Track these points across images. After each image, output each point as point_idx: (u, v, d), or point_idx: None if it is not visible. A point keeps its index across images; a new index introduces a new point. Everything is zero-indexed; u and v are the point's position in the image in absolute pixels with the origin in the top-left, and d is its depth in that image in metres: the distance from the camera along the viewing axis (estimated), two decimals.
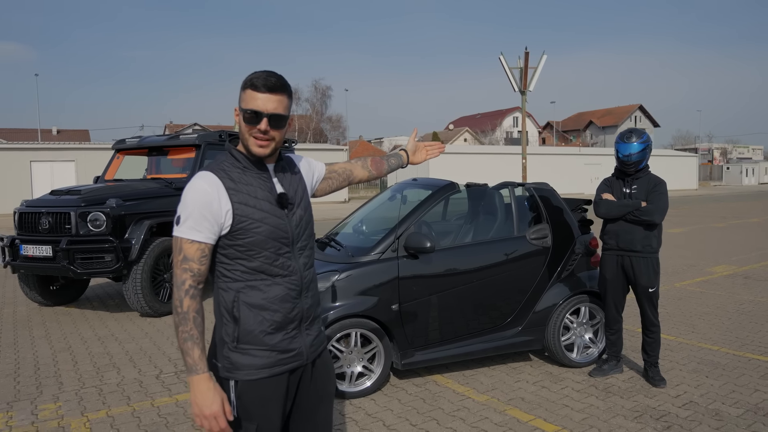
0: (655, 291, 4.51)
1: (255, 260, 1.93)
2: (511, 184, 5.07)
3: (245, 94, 1.91)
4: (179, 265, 1.87)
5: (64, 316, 7.18)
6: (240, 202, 1.91)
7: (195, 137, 8.10)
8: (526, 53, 17.84)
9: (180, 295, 1.86)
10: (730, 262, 10.48)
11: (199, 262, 1.88)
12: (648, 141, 4.55)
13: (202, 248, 1.88)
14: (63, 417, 4.13)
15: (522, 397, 4.33)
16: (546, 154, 40.88)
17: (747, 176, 59.92)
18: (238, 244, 1.91)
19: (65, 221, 6.77)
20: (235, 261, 1.93)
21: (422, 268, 4.46)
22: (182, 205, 1.89)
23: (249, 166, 1.98)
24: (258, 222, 1.92)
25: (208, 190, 1.88)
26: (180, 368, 5.11)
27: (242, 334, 1.93)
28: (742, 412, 4.00)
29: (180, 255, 1.88)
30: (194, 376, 1.86)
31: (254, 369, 1.93)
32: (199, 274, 1.88)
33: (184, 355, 1.87)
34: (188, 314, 1.85)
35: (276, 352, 1.96)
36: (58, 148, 27.83)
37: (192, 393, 1.87)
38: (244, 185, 1.94)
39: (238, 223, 1.90)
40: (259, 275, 1.94)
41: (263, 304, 1.94)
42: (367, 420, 3.99)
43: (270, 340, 1.95)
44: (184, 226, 1.87)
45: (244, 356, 1.94)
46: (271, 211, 1.96)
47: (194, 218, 1.86)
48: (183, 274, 1.87)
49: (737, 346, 5.46)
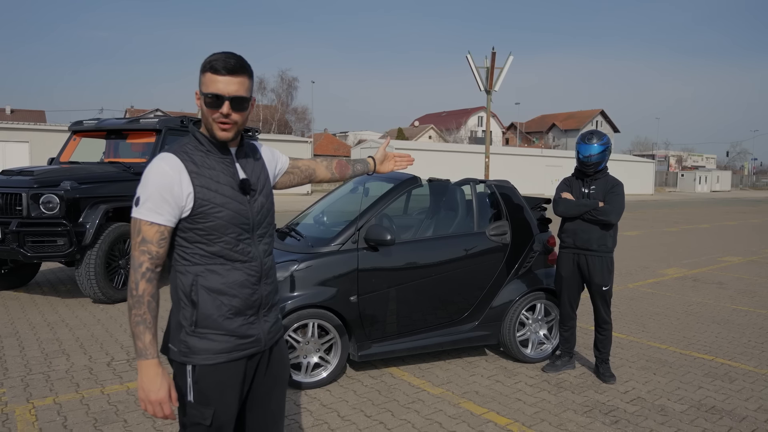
0: (609, 289, 4.62)
1: (215, 245, 1.91)
2: (472, 181, 5.11)
3: (205, 78, 1.88)
4: (137, 247, 1.84)
5: (12, 301, 6.95)
6: (202, 185, 1.88)
7: (156, 122, 7.94)
8: (493, 53, 18.04)
9: (136, 277, 1.83)
10: (681, 265, 10.81)
11: (158, 244, 1.85)
12: (608, 143, 4.65)
13: (162, 231, 1.85)
14: (7, 404, 4.00)
15: (476, 391, 4.39)
16: (509, 155, 41.43)
17: (700, 184, 61.85)
18: (198, 227, 1.89)
19: (16, 202, 6.54)
20: (195, 245, 1.91)
21: (382, 260, 4.47)
22: (142, 186, 1.85)
23: (212, 150, 1.95)
24: (219, 206, 1.90)
25: (169, 172, 1.84)
26: (132, 356, 5.01)
27: (200, 318, 1.91)
28: (686, 408, 4.14)
29: (138, 237, 1.84)
30: (144, 360, 1.84)
31: (212, 353, 1.92)
32: (157, 257, 1.86)
33: (135, 339, 1.84)
34: (143, 298, 1.83)
35: (234, 337, 1.95)
36: (11, 128, 26.86)
37: (140, 377, 1.86)
38: (206, 169, 1.91)
39: (198, 207, 1.88)
40: (218, 259, 1.92)
41: (222, 289, 1.93)
42: (321, 411, 3.98)
43: (228, 325, 1.94)
44: (144, 207, 1.84)
45: (202, 340, 1.92)
46: (232, 196, 1.94)
47: (154, 200, 1.83)
48: (141, 256, 1.84)
49: (684, 345, 5.64)
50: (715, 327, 6.36)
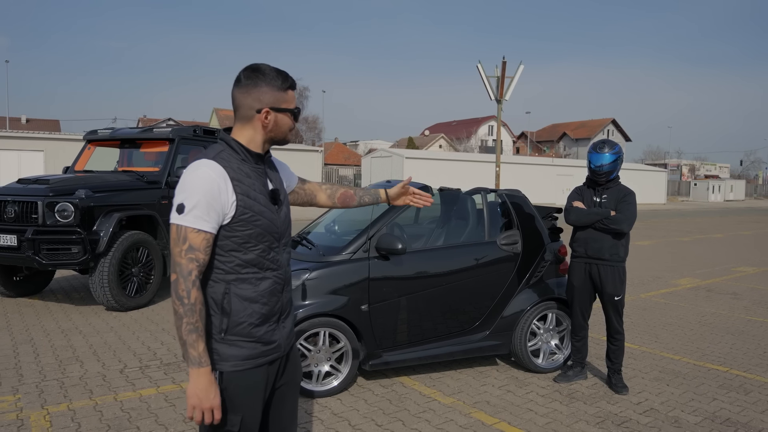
0: (621, 299, 4.60)
1: (250, 252, 1.95)
2: (483, 190, 5.12)
3: (288, 95, 2.01)
4: (184, 255, 1.84)
5: (27, 308, 7.02)
6: (243, 193, 1.92)
7: (169, 131, 8.02)
8: (504, 62, 18.06)
9: (188, 285, 1.83)
10: (695, 275, 10.73)
11: (204, 252, 1.87)
12: (619, 152, 4.65)
13: (208, 238, 1.87)
14: (22, 409, 4.04)
15: (487, 401, 4.38)
16: (519, 164, 41.34)
17: (713, 193, 61.37)
18: (237, 235, 1.92)
19: (32, 210, 6.63)
20: (230, 253, 1.93)
21: (393, 269, 4.48)
22: (187, 192, 1.85)
23: (247, 159, 1.98)
24: (257, 215, 1.94)
25: (215, 179, 1.86)
26: (145, 363, 5.04)
27: (231, 326, 1.94)
28: (700, 420, 4.10)
29: (185, 244, 1.84)
30: (198, 368, 1.85)
31: (240, 360, 1.95)
32: (203, 264, 1.87)
33: (187, 347, 1.84)
34: (195, 306, 1.83)
35: (260, 343, 1.99)
36: (26, 137, 27.19)
37: (193, 385, 1.85)
38: (244, 176, 1.95)
39: (240, 215, 1.90)
40: (251, 268, 1.96)
41: (254, 297, 1.96)
42: (332, 419, 3.98)
43: (256, 332, 1.98)
44: (191, 215, 1.84)
45: (231, 347, 1.94)
46: (266, 205, 1.99)
47: (201, 207, 1.84)
48: (189, 264, 1.84)
49: (697, 357, 5.59)
50: (730, 338, 6.30)
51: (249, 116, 1.99)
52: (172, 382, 4.62)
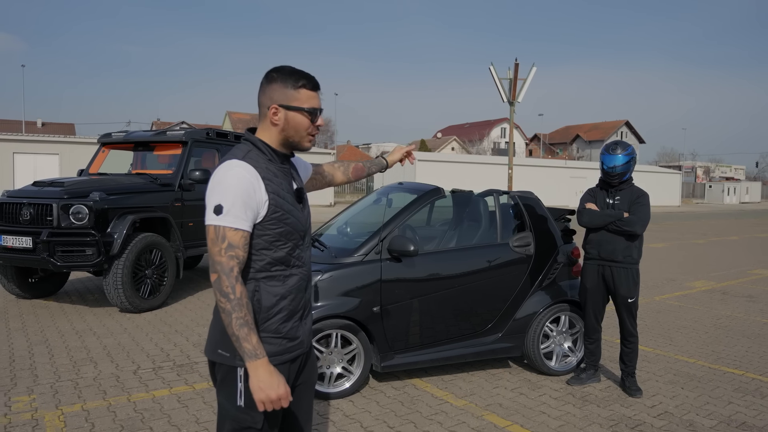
0: (635, 301, 4.56)
1: (280, 251, 1.99)
2: (495, 192, 5.10)
3: (300, 94, 2.00)
4: (224, 253, 1.87)
5: (42, 309, 7.09)
6: (274, 192, 1.96)
7: (182, 134, 8.07)
8: (516, 64, 18.02)
9: (231, 282, 1.86)
10: (709, 277, 10.62)
11: (243, 249, 1.90)
12: (632, 154, 4.61)
13: (245, 236, 1.91)
14: (37, 410, 4.07)
15: (500, 403, 4.36)
16: (532, 166, 41.20)
17: (729, 195, 60.75)
18: (268, 234, 1.95)
19: (47, 213, 6.70)
20: (260, 251, 1.97)
21: (405, 271, 4.48)
22: (221, 193, 1.88)
23: (273, 158, 2.02)
24: (287, 213, 1.99)
25: (249, 178, 1.90)
26: (158, 364, 5.07)
27: (260, 322, 1.97)
28: (716, 424, 4.06)
29: (224, 243, 1.87)
30: (255, 361, 1.86)
31: (268, 357, 1.94)
32: (242, 261, 1.91)
33: (240, 342, 1.85)
34: (242, 300, 1.86)
35: (286, 339, 2.02)
36: (42, 140, 27.50)
37: (254, 379, 1.86)
38: (273, 176, 1.98)
39: (272, 213, 1.94)
40: (280, 266, 2.00)
41: (283, 293, 2.01)
42: (344, 421, 3.98)
43: (283, 328, 2.01)
44: (230, 215, 1.87)
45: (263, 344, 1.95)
46: (293, 203, 2.03)
47: (238, 207, 1.88)
48: (230, 261, 1.87)
49: (713, 360, 5.53)
50: (745, 341, 6.23)
51: (263, 114, 2.04)
52: (185, 383, 4.65)
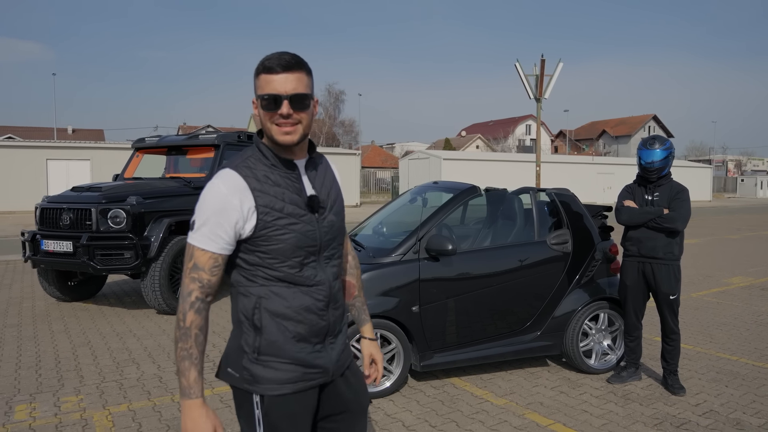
0: (676, 298, 4.50)
1: (278, 270, 1.76)
2: (531, 189, 5.07)
3: (259, 80, 1.73)
4: (188, 274, 1.71)
5: (82, 312, 7.25)
6: (265, 205, 1.73)
7: (214, 137, 8.17)
8: (542, 60, 17.85)
9: (184, 307, 1.69)
10: (747, 273, 10.41)
11: (210, 272, 1.71)
12: (671, 148, 4.55)
13: (215, 258, 1.72)
14: (85, 410, 4.17)
15: (540, 402, 4.33)
16: (559, 163, 40.78)
17: (762, 189, 59.38)
18: (260, 251, 1.74)
19: (86, 217, 6.84)
20: (256, 267, 1.77)
21: (443, 270, 4.48)
22: (198, 208, 1.72)
23: (276, 164, 1.79)
24: (283, 229, 1.74)
25: (226, 194, 1.69)
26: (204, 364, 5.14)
27: (264, 345, 1.77)
28: (764, 422, 3.98)
29: (190, 262, 1.71)
30: (187, 400, 1.69)
31: (277, 384, 1.77)
32: (208, 285, 1.72)
33: (179, 375, 1.70)
34: (190, 330, 1.69)
35: (300, 366, 1.80)
36: (74, 146, 28.09)
37: (183, 418, 1.70)
38: (270, 185, 1.75)
39: (261, 229, 1.72)
40: (282, 283, 1.78)
41: (287, 314, 1.78)
42: (386, 420, 4.00)
43: (292, 352, 1.79)
44: (198, 233, 1.71)
45: (267, 369, 1.77)
46: (299, 215, 1.77)
47: (209, 226, 1.70)
48: (191, 284, 1.70)
49: (756, 357, 5.43)
50: None
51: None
52: (226, 383, 4.70)
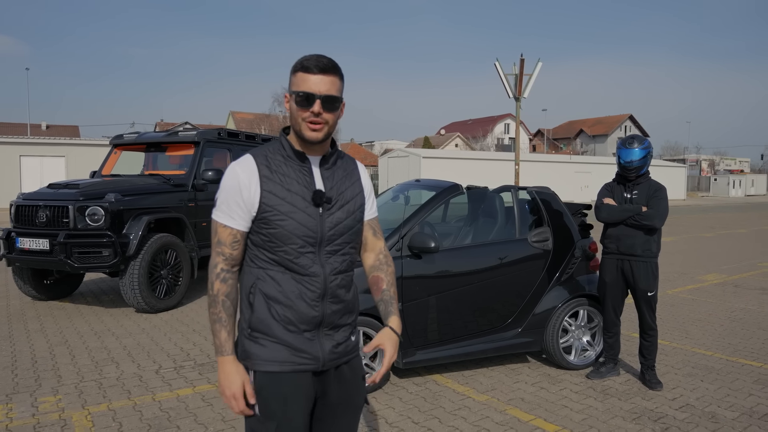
0: (654, 295, 4.58)
1: (275, 253, 1.89)
2: (512, 188, 5.12)
3: (296, 78, 1.88)
4: (214, 248, 1.91)
5: (59, 311, 7.14)
6: (269, 191, 1.87)
7: (194, 134, 8.10)
8: (522, 60, 17.98)
9: (212, 278, 1.90)
10: (720, 270, 10.61)
11: (231, 246, 1.90)
12: (649, 147, 4.62)
13: (234, 234, 1.90)
14: (64, 410, 4.11)
15: (522, 398, 4.38)
16: (537, 162, 41.15)
17: (734, 188, 60.56)
18: (262, 232, 1.89)
19: (63, 215, 6.74)
20: (258, 248, 1.92)
21: (426, 268, 4.50)
22: (220, 188, 1.92)
23: (291, 156, 1.93)
24: (283, 215, 1.86)
25: (240, 175, 1.88)
26: (179, 363, 5.11)
27: (254, 322, 1.90)
28: (738, 415, 4.07)
29: (215, 238, 1.91)
30: (219, 357, 1.90)
31: (264, 360, 1.88)
32: (231, 258, 1.91)
33: (213, 336, 1.90)
34: (217, 297, 1.89)
35: (286, 347, 1.89)
36: (48, 143, 27.62)
37: (219, 373, 1.90)
38: (280, 175, 1.90)
39: (263, 212, 1.87)
40: (278, 266, 1.90)
41: (277, 297, 1.89)
42: (369, 417, 4.01)
43: (280, 334, 1.89)
44: (219, 210, 1.91)
45: (256, 345, 1.90)
46: (301, 206, 1.89)
47: (227, 203, 1.89)
48: (216, 257, 1.91)
49: (730, 352, 5.55)
50: (762, 333, 6.23)
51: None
52: (208, 381, 4.68)
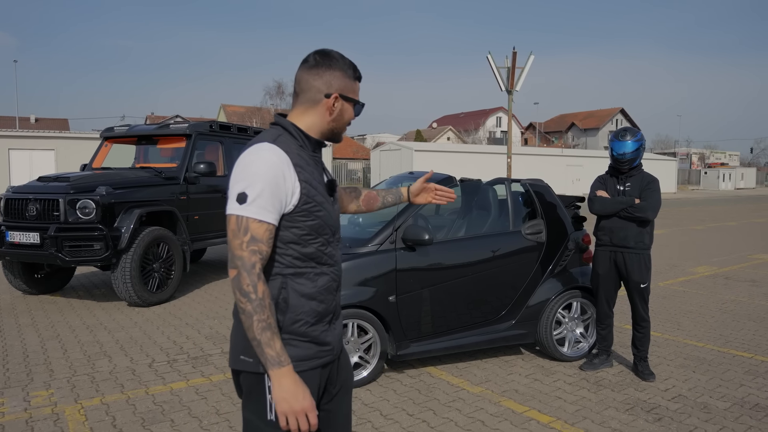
0: (647, 287, 4.60)
1: (310, 246, 1.81)
2: (506, 180, 5.12)
3: (354, 86, 1.92)
4: (246, 247, 1.70)
5: (50, 305, 7.09)
6: (306, 181, 1.78)
7: (186, 127, 8.05)
8: (514, 53, 17.98)
9: (253, 279, 1.69)
10: (711, 263, 10.69)
11: (267, 244, 1.73)
12: (642, 140, 4.63)
13: (271, 229, 1.74)
14: (56, 404, 4.09)
15: (516, 389, 4.39)
16: (529, 155, 41.19)
17: (724, 181, 60.92)
18: (298, 226, 1.78)
19: (53, 208, 6.68)
20: (289, 245, 1.79)
21: (419, 260, 4.50)
22: (249, 180, 1.71)
23: (305, 145, 1.86)
24: (319, 205, 1.81)
25: (279, 164, 1.72)
26: (173, 357, 5.09)
27: (287, 323, 1.79)
28: (729, 405, 4.11)
29: (246, 236, 1.70)
30: (279, 369, 1.70)
31: (295, 361, 1.79)
32: (266, 257, 1.74)
33: (262, 347, 1.69)
34: (264, 300, 1.69)
35: (315, 344, 1.85)
36: (37, 136, 27.37)
37: (277, 388, 1.70)
38: (305, 164, 1.81)
39: (303, 204, 1.77)
40: (310, 262, 1.83)
41: (312, 294, 1.83)
42: (364, 410, 4.02)
43: (311, 332, 1.84)
44: (254, 205, 1.70)
45: (287, 347, 1.78)
46: (325, 195, 1.86)
47: (265, 197, 1.70)
48: (252, 256, 1.70)
49: (721, 343, 5.59)
50: (752, 324, 6.28)
51: (316, 100, 1.87)
52: (202, 375, 4.67)
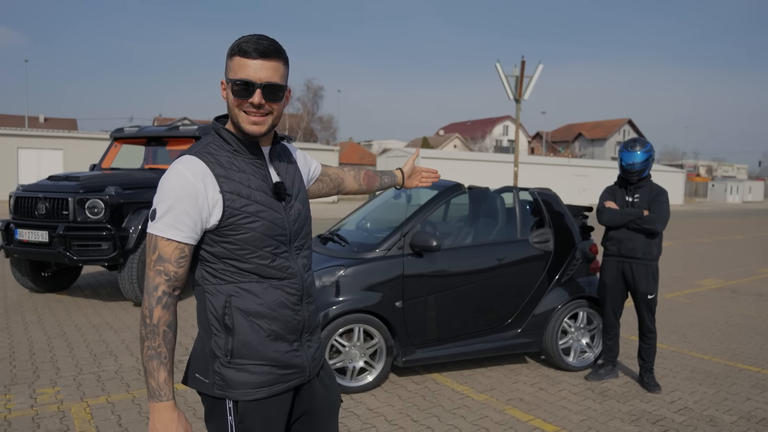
0: (654, 298, 4.59)
1: (248, 261, 1.66)
2: (514, 188, 5.13)
3: (233, 62, 1.63)
4: (153, 267, 1.58)
5: (57, 303, 7.12)
6: (231, 191, 1.63)
7: (195, 128, 8.08)
8: (523, 62, 18.01)
9: (151, 303, 1.57)
10: (718, 276, 10.64)
11: (176, 264, 1.60)
12: (651, 151, 4.63)
13: (181, 248, 1.60)
14: (62, 402, 4.10)
15: (520, 398, 4.38)
16: (536, 164, 41.17)
17: (731, 194, 60.69)
18: (228, 241, 1.64)
19: (63, 207, 6.72)
20: (224, 261, 1.66)
21: (427, 266, 4.50)
22: (160, 196, 1.60)
23: (240, 150, 1.69)
24: (252, 216, 1.65)
25: (191, 179, 1.59)
26: (177, 358, 5.10)
27: (237, 347, 1.67)
28: (736, 419, 4.08)
29: (155, 254, 1.59)
30: (157, 403, 1.58)
31: (251, 388, 1.68)
32: (175, 278, 1.61)
33: (147, 376, 1.58)
34: (158, 327, 1.57)
35: (276, 367, 1.71)
36: (46, 135, 27.53)
37: (152, 421, 1.59)
38: (235, 172, 1.66)
39: (228, 217, 1.62)
40: (252, 276, 1.68)
41: (260, 311, 1.68)
42: (368, 415, 4.01)
43: (268, 353, 1.69)
44: (161, 222, 1.58)
45: (240, 373, 1.68)
46: (266, 203, 1.69)
47: (174, 213, 1.58)
48: (157, 277, 1.58)
49: (728, 357, 5.56)
50: (759, 338, 6.25)
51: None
52: None
